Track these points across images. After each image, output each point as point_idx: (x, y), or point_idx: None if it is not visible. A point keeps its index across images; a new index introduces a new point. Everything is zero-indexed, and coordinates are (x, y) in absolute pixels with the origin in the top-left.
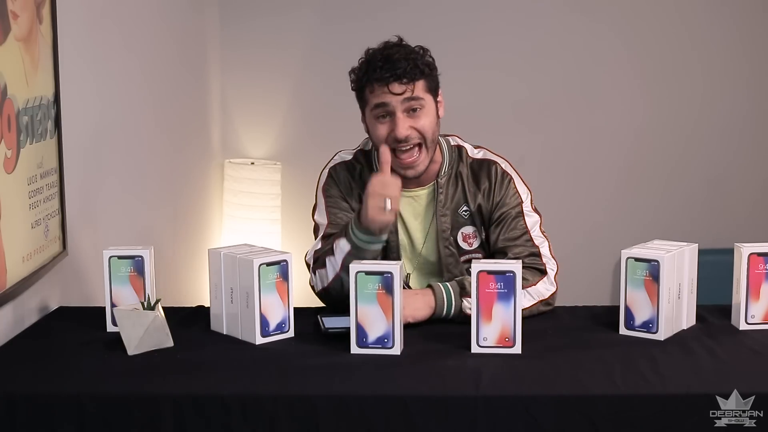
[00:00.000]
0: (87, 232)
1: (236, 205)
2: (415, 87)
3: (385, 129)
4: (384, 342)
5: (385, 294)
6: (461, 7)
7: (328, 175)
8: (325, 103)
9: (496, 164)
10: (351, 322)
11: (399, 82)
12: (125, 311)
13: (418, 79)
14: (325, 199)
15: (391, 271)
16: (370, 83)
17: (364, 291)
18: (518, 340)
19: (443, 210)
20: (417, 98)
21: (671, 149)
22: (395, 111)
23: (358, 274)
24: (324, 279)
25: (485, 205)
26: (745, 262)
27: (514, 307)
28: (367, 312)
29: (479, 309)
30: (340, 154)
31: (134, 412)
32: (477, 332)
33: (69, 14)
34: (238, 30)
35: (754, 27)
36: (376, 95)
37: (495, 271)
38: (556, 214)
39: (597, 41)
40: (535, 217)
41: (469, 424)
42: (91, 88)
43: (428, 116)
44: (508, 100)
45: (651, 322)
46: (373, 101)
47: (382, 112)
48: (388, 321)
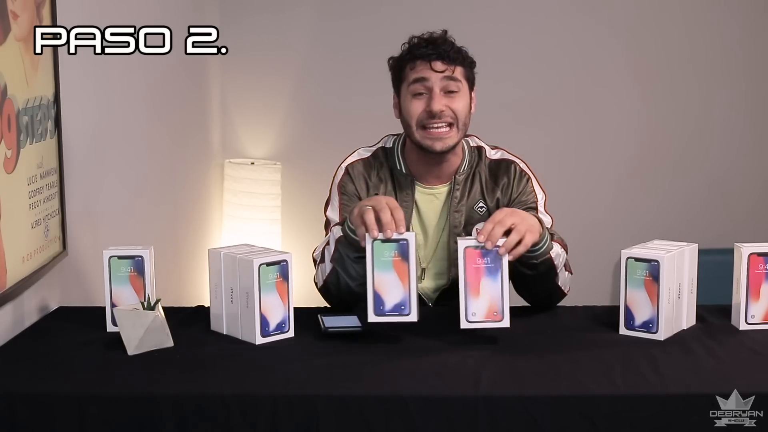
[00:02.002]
0: (87, 232)
1: (236, 205)
2: (455, 70)
3: (420, 105)
4: (401, 309)
5: (401, 261)
6: (461, 7)
7: (344, 172)
8: (325, 103)
9: (515, 163)
10: (368, 290)
11: (441, 61)
12: (125, 311)
13: (458, 64)
14: (339, 196)
15: (407, 238)
16: (413, 60)
17: (381, 259)
18: (506, 314)
19: (458, 206)
20: (456, 79)
21: (671, 149)
22: (433, 87)
23: (374, 242)
24: (324, 273)
25: (502, 199)
26: (745, 262)
27: (501, 281)
28: (383, 279)
29: (467, 284)
30: (359, 150)
31: (134, 412)
32: (465, 308)
33: (69, 14)
34: (238, 30)
35: (754, 27)
36: (417, 71)
37: (482, 247)
38: (556, 214)
39: (597, 42)
40: (548, 218)
41: (469, 424)
42: (91, 88)
43: (463, 100)
44: (507, 100)
45: (651, 322)
46: (412, 76)
47: (421, 88)
48: (405, 288)
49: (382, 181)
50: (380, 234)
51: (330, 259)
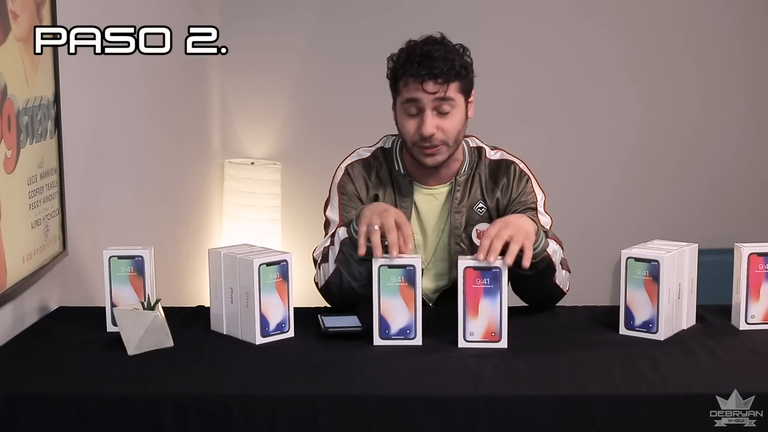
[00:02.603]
0: (87, 232)
1: (236, 205)
2: (449, 88)
3: (413, 125)
4: (406, 333)
5: (407, 286)
6: (461, 8)
7: (344, 172)
8: (325, 103)
9: (514, 164)
10: (374, 314)
11: (434, 82)
12: (125, 311)
13: (452, 81)
14: (339, 196)
15: (414, 264)
16: (405, 77)
17: (387, 284)
18: (504, 335)
19: (458, 207)
20: (448, 99)
21: (671, 149)
22: (425, 108)
23: (381, 267)
24: (326, 273)
25: (502, 200)
26: (745, 262)
27: (500, 303)
28: (389, 304)
29: (466, 304)
30: (359, 151)
31: (134, 412)
32: (464, 327)
33: (69, 14)
34: (238, 30)
35: (754, 27)
36: (409, 90)
37: (481, 267)
38: (556, 214)
39: (597, 42)
40: (547, 218)
41: (469, 424)
42: (91, 88)
43: (456, 117)
44: (507, 100)
45: (651, 322)
46: (405, 95)
47: (413, 108)
48: (411, 313)
49: (381, 181)
50: (384, 257)
51: (334, 260)
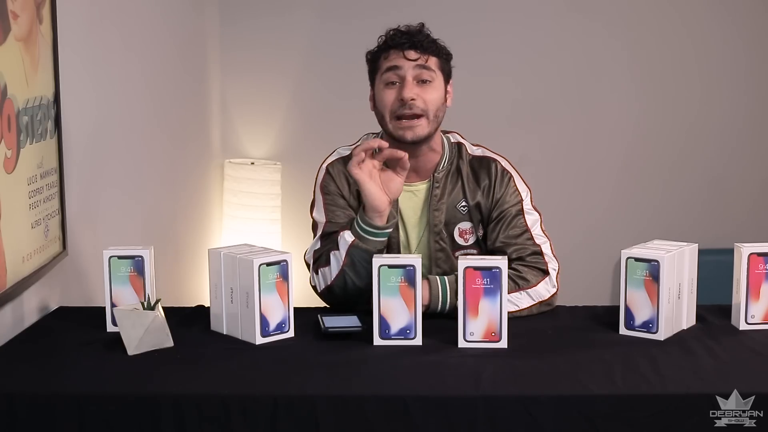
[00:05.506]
0: (87, 232)
1: (236, 205)
2: (429, 60)
3: (393, 94)
4: (406, 333)
5: (407, 286)
6: (461, 8)
7: (325, 171)
8: (325, 103)
9: (496, 162)
10: (374, 314)
11: (415, 50)
12: (125, 311)
13: (432, 54)
14: (323, 196)
15: (414, 264)
16: (387, 50)
17: (387, 284)
18: (504, 335)
19: (437, 204)
20: (429, 68)
21: (671, 149)
22: (406, 75)
23: (381, 267)
24: (327, 277)
25: (484, 203)
26: (745, 262)
27: (500, 303)
28: (390, 304)
29: (466, 304)
30: (339, 150)
31: (134, 412)
32: (464, 327)
33: (69, 14)
34: (238, 30)
35: (754, 26)
36: (390, 59)
37: (481, 267)
38: (555, 214)
39: (596, 41)
40: (535, 215)
41: (469, 424)
42: (91, 88)
43: (436, 92)
44: (507, 100)
45: (651, 322)
46: (385, 65)
47: (394, 76)
48: (411, 313)
49: None
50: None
51: (342, 264)
